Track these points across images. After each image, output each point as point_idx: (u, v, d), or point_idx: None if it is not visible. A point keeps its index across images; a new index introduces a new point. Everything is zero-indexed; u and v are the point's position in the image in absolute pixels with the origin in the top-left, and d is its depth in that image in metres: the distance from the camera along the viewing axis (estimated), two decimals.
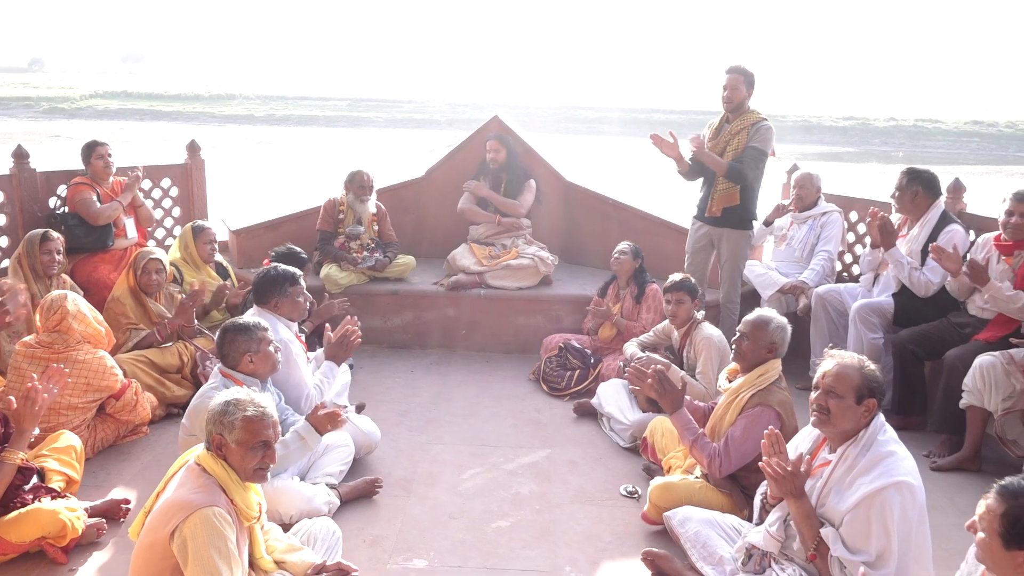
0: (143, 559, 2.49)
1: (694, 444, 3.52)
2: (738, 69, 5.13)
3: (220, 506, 2.46)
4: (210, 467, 2.55)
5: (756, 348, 3.49)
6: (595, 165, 19.79)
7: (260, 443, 2.56)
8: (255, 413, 2.56)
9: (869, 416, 2.85)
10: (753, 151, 5.05)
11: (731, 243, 5.30)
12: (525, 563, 3.34)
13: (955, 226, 4.77)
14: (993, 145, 38.40)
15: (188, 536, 2.38)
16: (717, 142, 5.19)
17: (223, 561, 2.39)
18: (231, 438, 2.54)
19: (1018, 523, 2.07)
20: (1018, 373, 4.12)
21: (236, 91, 52.47)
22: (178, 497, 2.48)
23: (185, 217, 6.34)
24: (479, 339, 5.92)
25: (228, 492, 2.53)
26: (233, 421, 2.54)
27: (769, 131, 5.08)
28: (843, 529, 2.77)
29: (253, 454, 2.55)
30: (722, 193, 5.19)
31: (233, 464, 2.56)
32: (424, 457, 4.26)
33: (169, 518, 2.43)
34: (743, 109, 5.15)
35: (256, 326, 3.44)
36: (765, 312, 3.56)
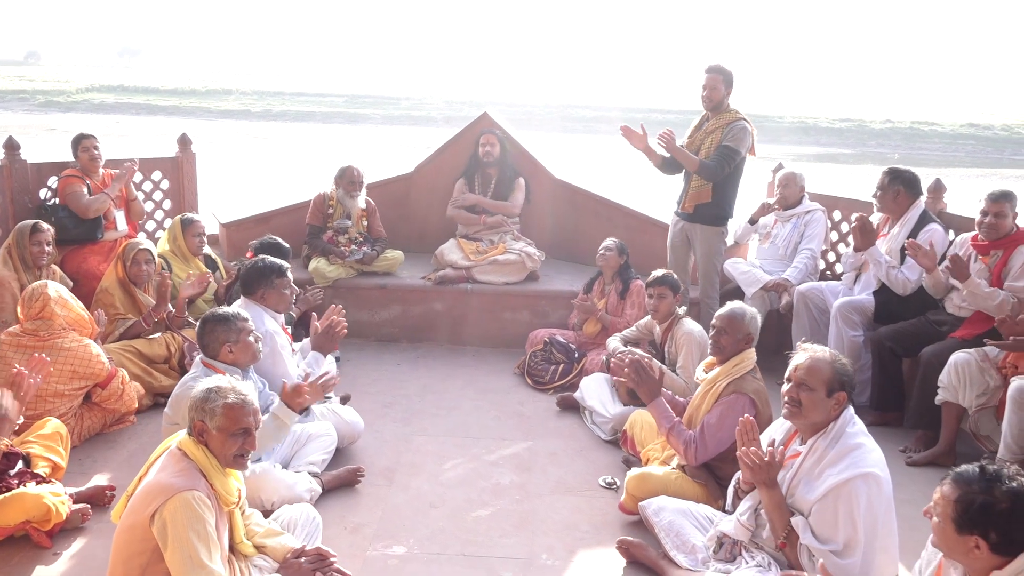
0: (124, 541, 2.54)
1: (671, 432, 3.60)
2: (717, 68, 5.21)
3: (200, 490, 2.51)
4: (191, 452, 2.60)
5: (734, 340, 3.56)
6: (592, 164, 19.86)
7: (240, 430, 2.61)
8: (236, 400, 2.61)
9: (839, 409, 2.92)
10: (725, 149, 5.13)
11: (704, 239, 5.37)
12: (503, 551, 3.40)
13: (934, 225, 4.84)
14: (989, 148, 38.52)
15: (168, 519, 2.44)
16: (694, 139, 5.29)
17: (201, 543, 2.44)
18: (212, 424, 2.59)
19: (970, 509, 2.13)
20: (992, 370, 4.19)
21: (233, 86, 52.44)
22: (159, 481, 2.53)
23: (175, 210, 6.38)
24: (465, 333, 5.98)
25: (208, 477, 2.58)
26: (214, 408, 2.59)
27: (744, 131, 5.15)
28: (812, 518, 2.84)
29: (233, 441, 2.61)
30: (695, 190, 5.28)
31: (214, 450, 2.62)
32: (407, 448, 4.31)
33: (150, 501, 2.49)
34: (722, 108, 5.23)
35: (236, 316, 3.49)
36: (737, 305, 3.64)
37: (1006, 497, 2.11)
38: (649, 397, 3.67)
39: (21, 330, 3.98)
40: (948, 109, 52.34)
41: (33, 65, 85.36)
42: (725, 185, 5.26)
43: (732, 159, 5.15)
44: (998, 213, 4.42)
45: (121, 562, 2.53)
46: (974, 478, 2.18)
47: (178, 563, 2.42)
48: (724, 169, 5.17)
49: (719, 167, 5.16)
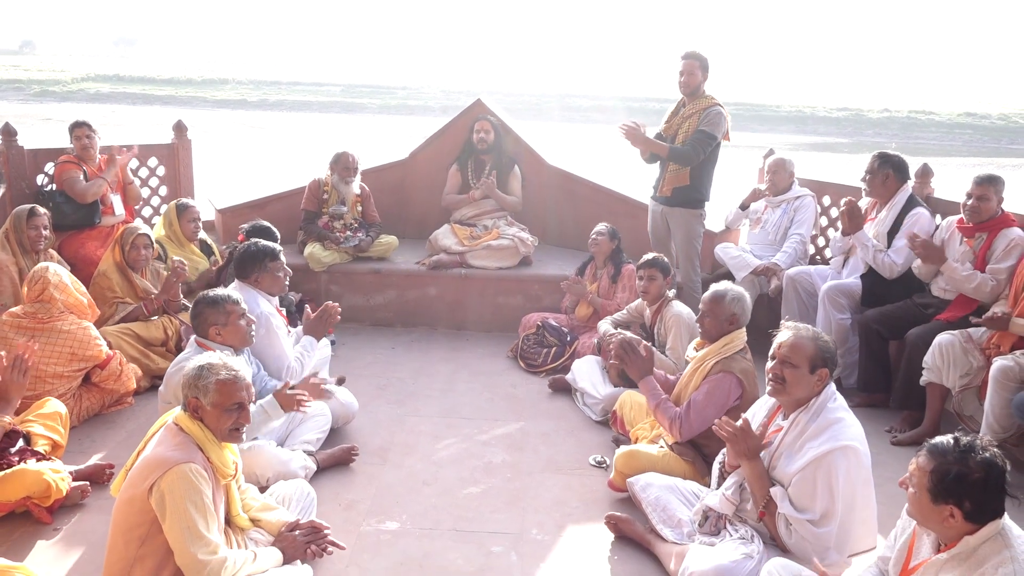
0: (123, 513, 2.61)
1: (658, 407, 3.66)
2: (693, 55, 5.29)
3: (196, 463, 2.58)
4: (187, 427, 2.67)
5: (717, 322, 3.62)
6: (588, 152, 19.87)
7: (234, 405, 2.68)
8: (227, 376, 2.68)
9: (821, 385, 2.99)
10: (700, 134, 5.20)
11: (682, 222, 5.44)
12: (494, 526, 3.48)
13: (920, 210, 4.91)
14: (986, 137, 38.54)
15: (166, 491, 2.50)
16: (671, 125, 5.37)
17: (199, 514, 2.51)
18: (206, 401, 2.65)
19: (945, 478, 2.21)
20: (975, 351, 4.27)
21: (229, 76, 52.23)
22: (157, 454, 2.60)
23: (171, 196, 6.43)
24: (459, 317, 6.05)
25: (204, 450, 2.65)
26: (207, 384, 2.65)
27: (720, 116, 5.22)
28: (791, 489, 2.91)
29: (228, 415, 2.67)
30: (672, 174, 5.34)
31: (209, 425, 2.68)
32: (401, 428, 4.39)
33: (148, 474, 2.55)
34: (699, 93, 5.31)
35: (226, 299, 3.52)
36: (720, 286, 3.69)
37: (979, 467, 2.19)
38: (639, 375, 3.74)
39: (22, 311, 4.05)
40: (945, 98, 52.31)
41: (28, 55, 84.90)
42: (702, 169, 5.33)
43: (708, 144, 5.22)
44: (981, 196, 4.49)
45: (121, 534, 2.60)
46: (949, 449, 2.25)
47: (176, 534, 2.49)
48: (699, 154, 5.24)
49: (694, 152, 5.23)
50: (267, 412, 3.46)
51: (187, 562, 2.51)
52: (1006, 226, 4.48)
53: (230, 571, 2.56)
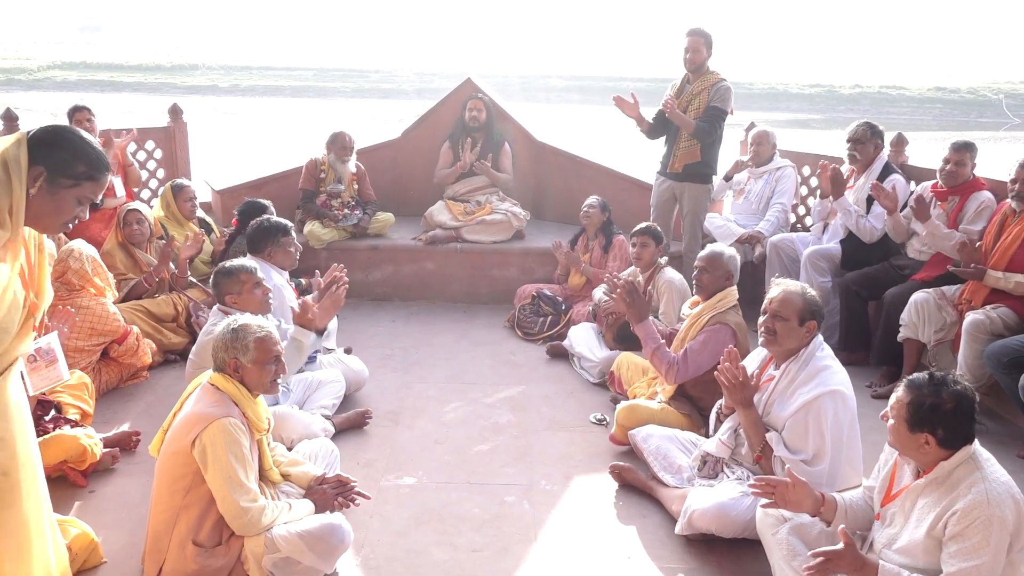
0: (167, 467, 2.80)
1: (655, 352, 3.85)
2: (698, 32, 5.46)
3: (235, 417, 2.77)
4: (223, 385, 2.86)
5: (715, 278, 3.87)
6: (564, 131, 20.06)
7: (273, 358, 2.88)
8: (263, 333, 2.88)
9: (810, 336, 3.23)
10: (715, 110, 5.39)
11: (692, 197, 5.65)
12: (506, 479, 3.70)
13: (896, 176, 5.17)
14: (955, 111, 39.09)
15: (208, 443, 2.69)
16: (680, 101, 5.53)
17: (239, 464, 2.71)
18: (247, 359, 2.84)
19: (920, 409, 2.45)
20: (949, 307, 4.54)
21: (199, 61, 51.60)
22: (197, 411, 2.79)
23: (169, 177, 6.55)
24: (456, 290, 6.26)
25: (240, 406, 2.84)
26: (247, 344, 2.84)
27: (728, 91, 5.42)
28: (784, 433, 3.16)
29: (268, 369, 2.87)
30: (684, 150, 5.54)
31: (251, 381, 2.87)
32: (409, 393, 4.59)
33: (190, 429, 2.74)
34: (703, 70, 5.49)
35: (240, 269, 3.70)
36: (717, 246, 3.95)
37: (951, 398, 2.43)
38: (638, 318, 3.90)
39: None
40: (916, 73, 52.90)
41: None
42: (712, 144, 5.53)
43: (722, 119, 5.43)
44: (959, 162, 4.75)
45: (166, 486, 2.79)
46: (924, 383, 2.49)
47: (219, 483, 2.69)
48: (716, 129, 5.45)
49: (712, 128, 5.43)
50: (297, 339, 3.66)
51: (229, 509, 2.70)
52: (977, 190, 4.75)
53: (268, 518, 2.76)
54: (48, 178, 2.16)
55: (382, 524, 3.31)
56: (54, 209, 2.21)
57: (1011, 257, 4.32)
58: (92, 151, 2.25)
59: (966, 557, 2.33)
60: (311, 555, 2.75)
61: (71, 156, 2.20)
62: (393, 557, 3.10)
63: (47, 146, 2.17)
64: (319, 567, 2.82)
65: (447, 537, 3.24)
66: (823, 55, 62.38)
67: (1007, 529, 2.34)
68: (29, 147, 2.14)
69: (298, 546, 2.73)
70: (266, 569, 2.74)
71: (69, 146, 2.21)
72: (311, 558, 2.75)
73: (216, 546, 2.77)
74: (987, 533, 2.32)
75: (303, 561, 2.75)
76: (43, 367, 3.00)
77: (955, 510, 2.38)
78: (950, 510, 2.39)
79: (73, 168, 2.20)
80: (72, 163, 2.19)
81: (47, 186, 2.17)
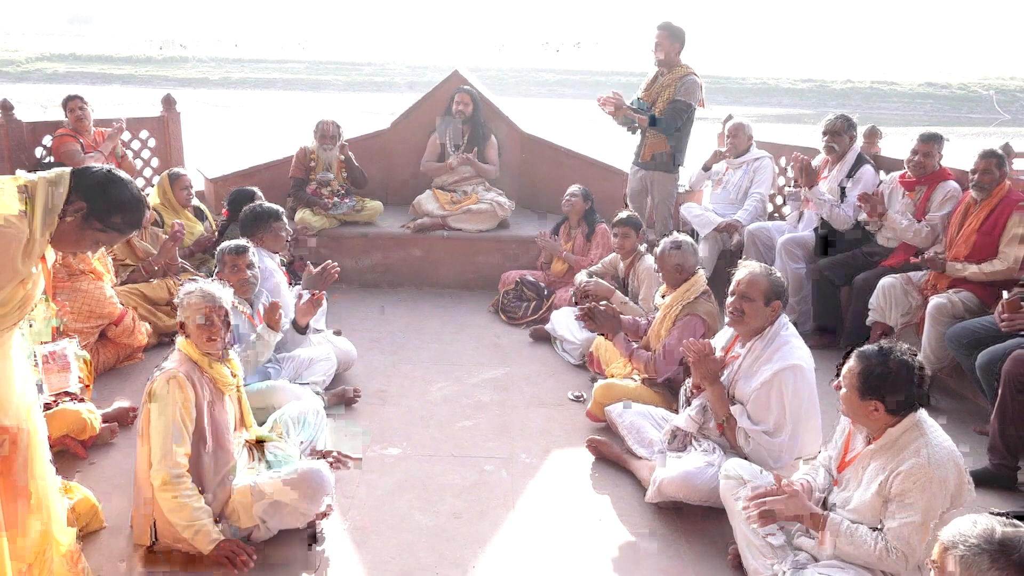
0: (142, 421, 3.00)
1: (633, 356, 4.11)
2: (665, 26, 5.62)
3: (182, 373, 2.93)
4: (184, 347, 3.08)
5: (668, 273, 4.13)
6: (555, 125, 20.22)
7: (204, 320, 3.03)
8: (196, 296, 3.07)
9: (775, 315, 3.42)
10: (677, 103, 5.54)
11: (660, 185, 5.83)
12: (487, 452, 3.88)
13: (867, 167, 5.38)
14: (946, 107, 39.33)
15: (152, 394, 2.91)
16: (650, 93, 5.71)
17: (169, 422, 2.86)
18: (185, 317, 3.06)
19: (869, 377, 2.64)
20: (914, 292, 4.75)
21: (190, 54, 51.47)
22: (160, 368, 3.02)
23: (163, 167, 6.69)
24: (442, 277, 6.43)
25: (200, 365, 3.04)
26: (188, 304, 3.06)
27: (694, 84, 5.57)
28: (749, 405, 3.35)
29: (201, 330, 3.04)
30: (651, 140, 5.71)
31: (195, 341, 3.06)
32: (396, 373, 4.77)
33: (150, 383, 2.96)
34: (674, 63, 5.64)
35: (229, 250, 3.90)
36: (667, 240, 4.14)
37: (897, 366, 2.62)
38: (611, 334, 4.18)
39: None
40: (907, 69, 53.17)
41: None
42: (679, 135, 5.71)
43: (684, 112, 5.58)
44: (927, 153, 4.95)
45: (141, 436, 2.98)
46: (873, 353, 2.69)
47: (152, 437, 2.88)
48: (677, 122, 5.59)
49: (671, 121, 5.57)
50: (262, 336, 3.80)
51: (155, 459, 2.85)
52: (943, 179, 4.95)
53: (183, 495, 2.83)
54: (84, 215, 2.32)
55: (368, 490, 3.49)
56: (74, 240, 2.37)
57: (973, 244, 4.52)
58: (134, 211, 2.41)
59: (905, 514, 2.53)
60: (295, 495, 2.95)
61: (114, 206, 2.35)
62: (379, 520, 3.28)
63: (98, 188, 2.33)
64: (305, 508, 3.01)
65: (429, 503, 3.42)
66: (814, 50, 62.63)
67: (947, 490, 2.54)
68: (80, 180, 2.31)
69: (282, 490, 2.94)
70: (257, 516, 2.92)
71: (117, 197, 2.36)
72: (296, 499, 2.96)
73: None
74: (925, 493, 2.52)
75: (289, 503, 2.95)
76: (55, 370, 3.19)
77: (899, 471, 2.58)
78: (895, 472, 2.59)
79: (109, 217, 2.35)
80: (111, 213, 2.35)
81: (80, 220, 2.33)
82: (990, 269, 4.38)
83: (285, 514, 2.99)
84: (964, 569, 1.82)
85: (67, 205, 2.28)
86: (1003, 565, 1.78)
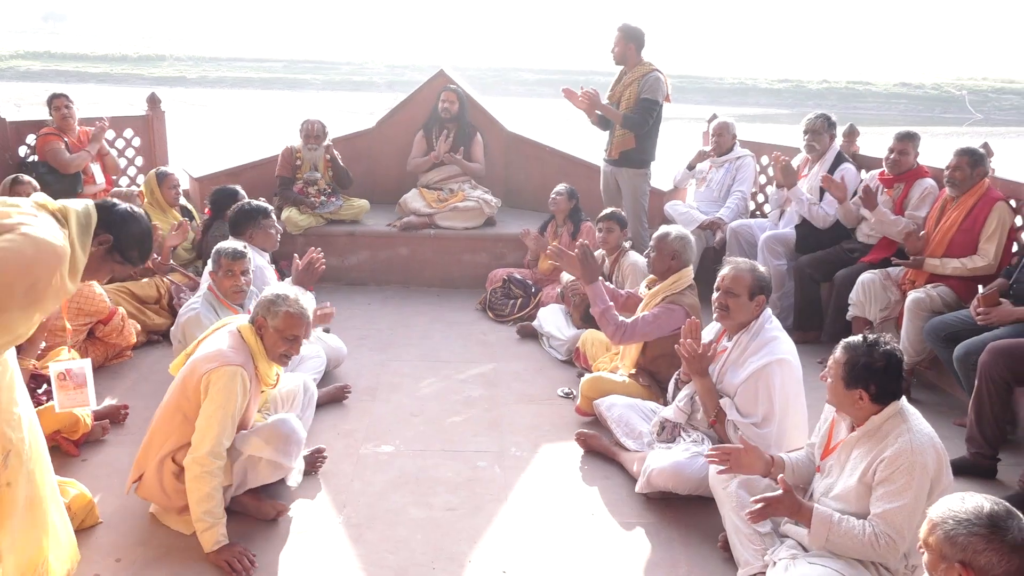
0: (179, 388, 3.06)
1: (603, 313, 4.03)
2: (623, 27, 5.71)
3: (247, 370, 3.00)
4: (247, 336, 3.11)
5: (662, 258, 4.12)
6: (535, 124, 20.28)
7: (292, 336, 3.10)
8: (296, 311, 3.09)
9: (759, 309, 3.50)
10: (644, 102, 5.61)
11: (629, 182, 5.89)
12: (478, 447, 3.94)
13: (847, 165, 5.49)
14: (920, 106, 39.82)
15: (214, 381, 2.94)
16: (614, 92, 5.79)
17: (227, 417, 2.93)
18: (272, 324, 3.08)
19: (855, 367, 2.72)
20: (893, 287, 4.85)
21: (166, 52, 50.99)
22: (219, 349, 3.03)
23: (147, 166, 6.68)
24: (429, 275, 6.47)
25: (255, 360, 3.09)
26: (277, 311, 3.07)
27: (658, 81, 5.63)
28: (736, 398, 3.42)
29: (284, 343, 3.10)
30: (619, 138, 5.78)
31: (266, 344, 3.10)
32: (385, 371, 4.81)
33: (207, 362, 2.98)
34: (635, 62, 5.71)
35: (225, 253, 3.96)
36: (666, 228, 4.19)
37: (882, 357, 2.71)
38: (589, 279, 4.07)
39: None
40: (882, 69, 53.78)
41: None
42: (646, 132, 5.78)
43: (653, 110, 5.64)
44: (902, 151, 5.06)
45: (173, 404, 3.05)
46: (858, 344, 2.77)
47: (205, 420, 2.93)
48: (647, 120, 5.65)
49: (642, 119, 5.64)
50: None
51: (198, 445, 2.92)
52: (921, 177, 5.07)
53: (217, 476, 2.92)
54: (108, 248, 2.46)
55: (362, 487, 3.53)
56: (94, 269, 2.48)
57: (950, 240, 4.63)
58: (148, 247, 2.58)
59: (891, 499, 2.61)
60: (269, 448, 3.05)
61: (135, 241, 2.51)
62: (373, 516, 3.32)
63: (123, 223, 2.48)
64: (279, 460, 3.11)
65: (423, 498, 3.47)
66: (791, 51, 63.21)
67: (928, 474, 2.62)
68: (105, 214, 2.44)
69: (255, 443, 3.04)
70: (235, 473, 3.03)
71: (137, 233, 2.52)
72: (270, 451, 3.06)
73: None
74: (910, 477, 2.60)
75: (264, 455, 3.05)
76: (71, 388, 3.21)
77: (883, 458, 2.66)
78: (879, 458, 2.67)
79: (129, 251, 2.51)
80: (131, 247, 2.51)
81: (104, 252, 2.45)
82: (972, 265, 4.49)
83: (260, 468, 3.09)
84: (951, 545, 1.89)
85: (94, 236, 2.39)
86: (996, 544, 1.85)
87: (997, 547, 1.84)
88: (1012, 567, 1.82)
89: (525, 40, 64.68)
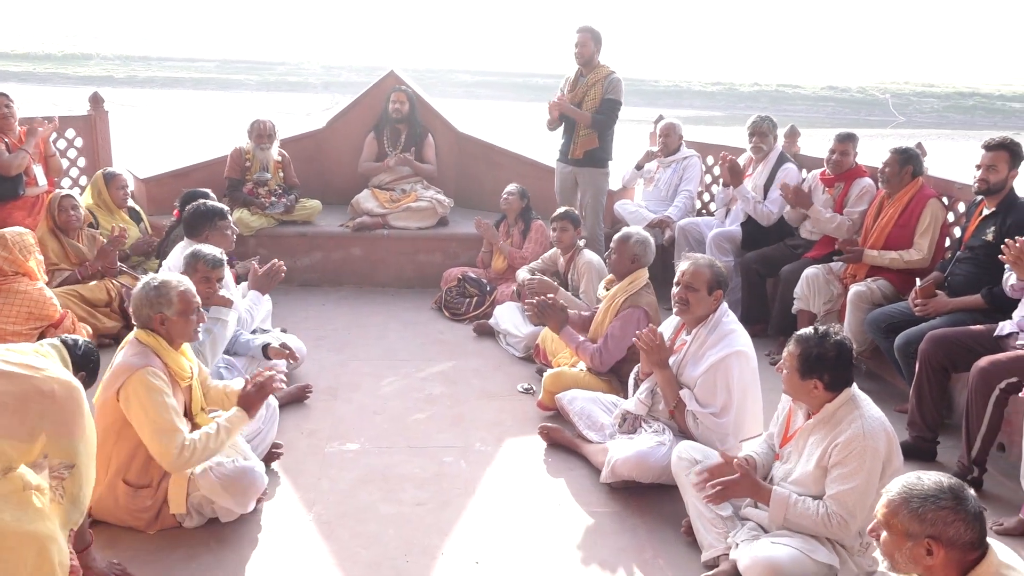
0: (100, 415, 3.03)
1: (578, 349, 4.28)
2: (586, 28, 5.84)
3: (154, 367, 2.99)
4: (144, 339, 3.09)
5: (622, 260, 4.25)
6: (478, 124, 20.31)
7: (195, 308, 3.12)
8: (183, 287, 3.12)
9: (717, 303, 3.63)
10: (610, 102, 5.77)
11: (592, 181, 6.02)
12: (442, 442, 3.99)
13: (789, 165, 5.70)
14: (847, 109, 41.10)
15: (131, 393, 2.93)
16: (575, 93, 5.90)
17: (163, 409, 2.93)
18: (171, 312, 3.07)
19: (808, 359, 2.86)
20: (835, 281, 5.07)
21: (93, 51, 49.38)
22: (121, 362, 3.02)
23: (91, 166, 6.53)
24: (383, 275, 6.48)
25: (162, 357, 3.07)
26: (170, 298, 3.07)
27: (619, 82, 5.81)
28: (696, 389, 3.55)
29: (192, 319, 3.11)
30: (583, 138, 5.90)
31: (177, 332, 3.10)
32: (344, 370, 4.81)
33: (115, 379, 2.97)
34: (594, 64, 5.86)
35: (204, 259, 3.91)
36: (628, 230, 4.33)
37: (833, 348, 2.85)
38: (557, 328, 4.32)
39: None
40: (810, 72, 55.33)
41: None
42: (607, 132, 5.92)
43: (617, 109, 5.82)
44: (843, 151, 5.29)
45: (101, 431, 2.97)
46: (810, 336, 2.91)
47: (144, 430, 2.93)
48: (613, 120, 5.83)
49: (609, 119, 5.81)
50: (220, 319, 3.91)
51: (157, 450, 2.93)
52: (859, 176, 5.30)
53: (199, 450, 2.96)
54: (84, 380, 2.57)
55: (330, 485, 3.54)
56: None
57: (888, 235, 4.86)
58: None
59: (844, 481, 2.76)
60: (226, 496, 3.06)
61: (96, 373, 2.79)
62: (344, 513, 3.34)
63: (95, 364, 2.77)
64: (233, 508, 3.12)
65: (392, 494, 3.50)
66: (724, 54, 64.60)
67: (879, 457, 2.78)
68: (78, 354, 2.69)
69: (214, 487, 3.04)
70: (190, 506, 3.05)
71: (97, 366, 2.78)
72: (226, 499, 3.07)
73: (144, 487, 3.05)
74: (862, 461, 2.75)
75: (219, 502, 3.07)
76: None
77: (837, 443, 2.81)
78: (833, 443, 2.82)
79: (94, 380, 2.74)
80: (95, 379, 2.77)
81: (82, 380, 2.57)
82: (907, 258, 4.72)
83: (215, 509, 3.12)
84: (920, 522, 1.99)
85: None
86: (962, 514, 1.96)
87: (963, 516, 1.97)
88: (974, 534, 1.96)
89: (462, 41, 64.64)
